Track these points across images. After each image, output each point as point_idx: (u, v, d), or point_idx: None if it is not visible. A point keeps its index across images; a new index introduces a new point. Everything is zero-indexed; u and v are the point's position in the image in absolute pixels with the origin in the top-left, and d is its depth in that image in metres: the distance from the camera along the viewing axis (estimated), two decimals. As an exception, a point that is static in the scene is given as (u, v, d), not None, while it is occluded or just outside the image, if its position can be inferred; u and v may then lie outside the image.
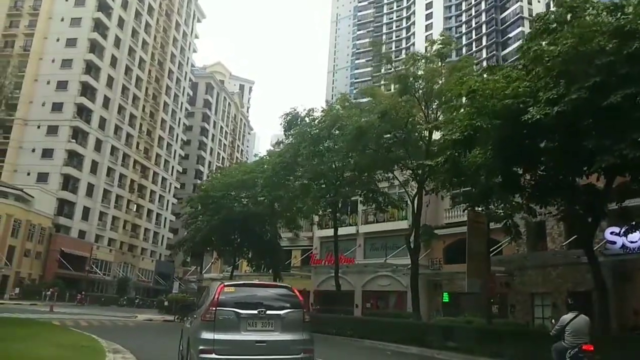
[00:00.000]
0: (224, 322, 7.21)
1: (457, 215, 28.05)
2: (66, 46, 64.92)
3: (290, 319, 7.53)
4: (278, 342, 7.34)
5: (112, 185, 69.23)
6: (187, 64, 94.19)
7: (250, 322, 7.32)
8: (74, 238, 61.56)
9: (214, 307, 7.29)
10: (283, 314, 7.49)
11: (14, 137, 61.94)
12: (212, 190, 28.93)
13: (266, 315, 7.37)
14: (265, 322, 7.38)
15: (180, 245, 31.27)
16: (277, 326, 7.42)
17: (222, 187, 28.49)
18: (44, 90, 63.51)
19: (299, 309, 7.71)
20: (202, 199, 29.69)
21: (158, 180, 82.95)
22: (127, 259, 73.38)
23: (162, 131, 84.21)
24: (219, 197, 28.27)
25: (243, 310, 7.29)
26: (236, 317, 7.26)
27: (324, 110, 22.93)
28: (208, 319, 7.26)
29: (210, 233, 28.25)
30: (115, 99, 69.51)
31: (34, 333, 14.82)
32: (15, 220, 51.79)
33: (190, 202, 31.32)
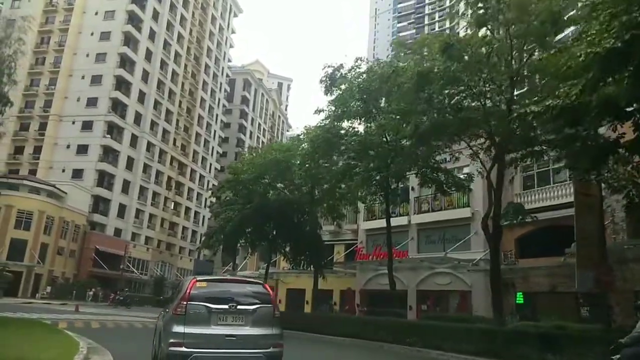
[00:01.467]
0: (195, 316, 7.31)
1: (533, 200, 23.33)
2: (100, 40, 63.55)
3: (261, 314, 7.63)
4: (248, 337, 7.46)
5: (148, 182, 67.35)
6: (223, 59, 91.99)
7: (221, 317, 7.44)
8: (109, 236, 59.79)
9: (184, 301, 7.40)
10: (253, 309, 7.60)
11: (49, 133, 60.93)
12: (242, 173, 25.25)
13: (237, 310, 7.49)
14: (236, 316, 7.49)
15: (209, 238, 27.79)
16: (248, 321, 7.54)
17: (254, 168, 24.72)
18: (79, 85, 62.29)
19: (269, 304, 7.83)
20: (231, 185, 26.04)
21: (195, 177, 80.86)
22: (165, 258, 71.39)
23: (199, 127, 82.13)
24: (250, 180, 24.59)
25: (214, 305, 7.41)
26: (207, 311, 7.38)
27: (377, 61, 18.47)
28: (179, 313, 7.38)
29: (241, 223, 24.62)
30: (150, 93, 67.69)
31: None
32: (48, 217, 50.19)
33: (220, 189, 27.83)
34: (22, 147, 62.06)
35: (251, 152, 25.06)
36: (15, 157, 61.56)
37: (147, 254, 66.91)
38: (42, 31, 65.63)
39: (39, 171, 58.68)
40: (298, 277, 34.40)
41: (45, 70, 63.87)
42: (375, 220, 30.63)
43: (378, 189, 21.49)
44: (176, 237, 75.07)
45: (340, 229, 32.39)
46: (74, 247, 54.91)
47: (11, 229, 47.19)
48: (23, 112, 62.94)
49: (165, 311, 8.69)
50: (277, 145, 25.28)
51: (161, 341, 7.96)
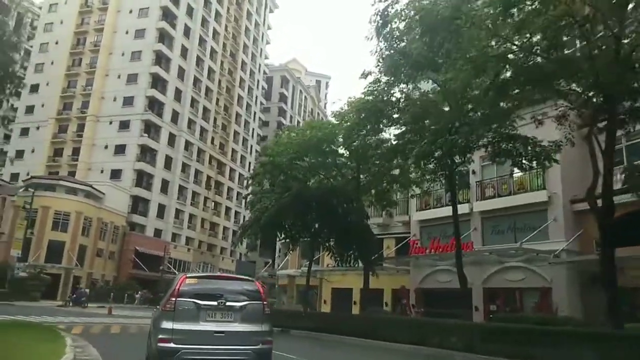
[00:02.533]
0: (184, 313, 7.33)
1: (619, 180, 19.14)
2: (135, 38, 62.58)
3: (250, 310, 7.65)
4: (237, 333, 7.46)
5: (187, 181, 65.85)
6: (260, 55, 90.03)
7: (210, 313, 7.44)
8: (149, 237, 58.45)
9: (174, 298, 7.42)
10: (243, 306, 7.60)
11: (87, 134, 60.30)
12: (278, 155, 22.15)
13: (226, 307, 7.49)
14: (225, 313, 7.50)
15: (243, 231, 24.88)
16: (237, 317, 7.55)
17: (292, 148, 21.49)
18: (115, 84, 61.46)
19: (259, 301, 7.82)
20: (266, 168, 22.97)
21: (235, 176, 79.05)
22: (206, 259, 69.70)
23: (237, 125, 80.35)
24: (287, 163, 21.45)
25: (203, 301, 7.42)
26: (196, 307, 7.39)
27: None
28: (168, 309, 7.37)
29: (279, 214, 21.59)
30: (187, 91, 66.23)
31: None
32: (86, 218, 49.05)
33: (256, 176, 24.93)
34: (61, 149, 61.75)
35: (288, 130, 21.80)
36: (54, 159, 61.31)
37: (188, 254, 65.34)
38: (77, 32, 65.43)
39: (78, 172, 58.04)
40: (344, 276, 31.16)
41: (82, 71, 63.42)
42: (429, 210, 27.02)
43: (438, 168, 17.95)
44: (217, 237, 73.38)
45: (391, 219, 28.85)
46: (113, 249, 53.73)
47: (48, 230, 46.23)
48: (61, 114, 62.71)
49: (157, 308, 8.69)
50: (317, 122, 21.94)
51: (151, 337, 8.03)
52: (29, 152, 62.51)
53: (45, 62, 65.69)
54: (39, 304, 37.68)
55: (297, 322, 23.02)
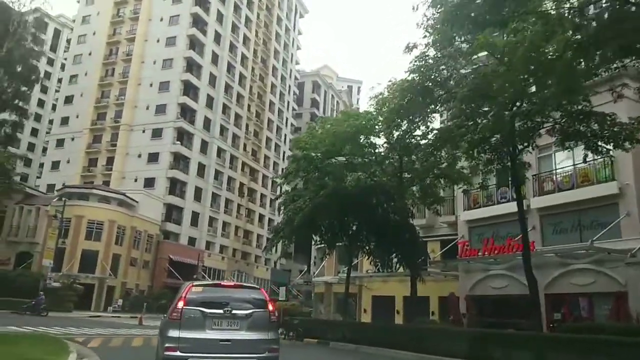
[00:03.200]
0: (190, 321, 7.33)
1: None
2: (166, 46, 62.43)
3: (257, 319, 7.65)
4: (243, 341, 7.46)
5: (220, 188, 64.98)
6: (291, 61, 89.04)
7: (216, 321, 7.45)
8: (183, 245, 57.65)
9: (180, 306, 7.43)
10: (248, 314, 7.62)
11: (121, 143, 60.25)
12: (312, 149, 20.19)
13: (232, 315, 7.51)
14: (231, 321, 7.51)
15: (275, 234, 23.05)
16: (243, 326, 7.55)
17: (327, 139, 19.41)
18: (147, 93, 61.35)
19: (265, 309, 7.82)
20: (299, 164, 21.03)
21: (268, 183, 77.87)
22: (240, 267, 68.54)
23: (269, 132, 79.33)
24: (322, 158, 19.46)
25: (209, 310, 7.43)
26: (202, 315, 7.40)
27: None
28: (174, 318, 7.38)
29: (313, 214, 19.71)
30: (218, 98, 65.60)
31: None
32: (119, 226, 48.47)
33: (288, 175, 23.07)
34: (95, 159, 61.92)
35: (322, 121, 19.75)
36: (89, 169, 61.48)
37: (223, 263, 64.28)
38: (110, 43, 65.84)
39: (112, 182, 57.94)
40: (385, 282, 28.95)
41: (115, 81, 63.64)
42: (479, 209, 24.56)
43: (494, 158, 15.68)
44: (251, 245, 72.17)
45: (436, 220, 26.44)
46: (147, 258, 53.04)
47: (82, 240, 45.77)
48: (95, 125, 62.99)
49: (164, 316, 8.59)
50: (354, 112, 19.84)
51: (158, 345, 8.12)
52: (64, 163, 62.96)
53: (79, 73, 66.37)
54: (71, 314, 37.03)
55: (336, 333, 20.99)
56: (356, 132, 19.20)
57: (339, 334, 20.66)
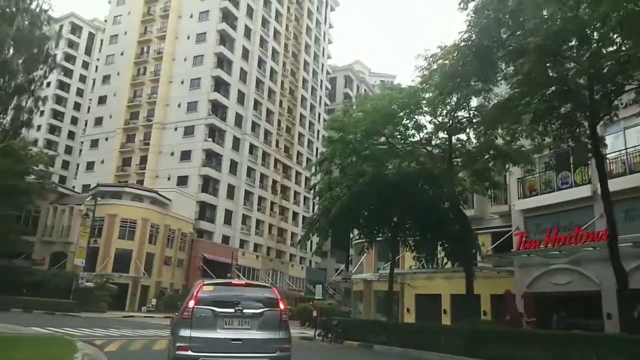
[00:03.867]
0: (201, 320, 7.32)
1: None
2: (196, 42, 61.67)
3: (268, 318, 7.60)
4: (254, 340, 7.42)
5: (253, 186, 63.79)
6: (322, 55, 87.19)
7: (227, 321, 7.43)
8: (217, 243, 56.70)
9: (191, 305, 7.40)
10: (260, 313, 7.57)
11: (153, 142, 59.81)
12: (349, 130, 18.00)
13: (243, 314, 7.48)
14: (242, 320, 7.48)
15: (311, 226, 21.07)
16: (254, 325, 7.51)
17: (367, 117, 17.22)
18: (179, 90, 60.72)
19: (276, 308, 7.76)
20: (335, 148, 18.92)
21: (301, 180, 76.30)
22: (275, 266, 67.23)
23: (302, 127, 77.73)
24: (360, 139, 17.33)
25: (220, 309, 7.42)
26: (213, 315, 7.38)
27: None
28: (186, 317, 7.35)
29: (352, 203, 17.78)
30: (249, 93, 64.42)
31: None
32: (152, 225, 47.76)
33: (323, 162, 21.09)
34: (129, 158, 61.74)
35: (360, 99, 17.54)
36: (123, 169, 61.33)
37: (257, 261, 63.07)
38: (141, 41, 65.60)
39: (146, 181, 57.51)
40: (430, 280, 26.75)
41: (147, 79, 63.32)
42: (536, 197, 22.08)
43: (566, 132, 13.36)
44: (285, 243, 70.74)
45: (487, 208, 24.09)
46: (181, 257, 52.24)
47: (115, 239, 45.23)
48: (128, 124, 62.83)
49: (176, 315, 8.56)
50: (397, 88, 17.66)
51: (170, 344, 8.01)
52: (98, 163, 63.08)
53: (112, 73, 66.44)
54: (104, 314, 36.32)
55: (380, 335, 18.98)
56: (399, 109, 16.99)
57: (383, 336, 18.65)
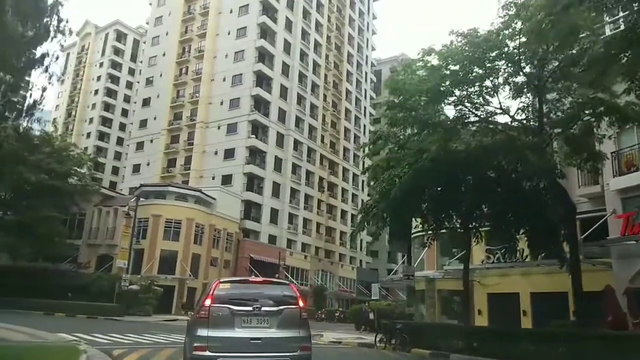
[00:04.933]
0: (218, 319, 7.11)
1: None
2: (237, 38, 60.08)
3: (287, 316, 7.40)
4: (274, 339, 7.20)
5: (299, 183, 61.43)
6: (367, 46, 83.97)
7: (245, 319, 7.20)
8: (264, 243, 54.65)
9: (208, 304, 7.22)
10: (279, 311, 7.37)
11: (197, 141, 58.64)
12: (412, 91, 14.66)
13: (261, 312, 7.26)
14: (261, 318, 7.26)
15: (366, 214, 17.93)
16: (273, 323, 7.29)
17: (433, 76, 13.87)
18: (221, 88, 59.28)
19: (295, 306, 7.57)
20: (393, 116, 15.63)
21: (349, 176, 73.37)
22: (324, 266, 64.56)
23: (347, 122, 74.80)
24: (427, 102, 14.08)
25: (237, 307, 7.21)
26: (230, 313, 7.17)
27: None
28: (202, 316, 7.17)
29: (414, 183, 14.72)
30: (292, 87, 62.18)
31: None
32: (197, 225, 46.15)
33: (378, 140, 17.95)
34: (174, 159, 60.88)
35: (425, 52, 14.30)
36: (168, 170, 60.50)
37: (305, 262, 60.62)
38: (182, 41, 64.82)
39: (190, 181, 56.31)
40: (505, 276, 23.19)
41: (189, 79, 62.32)
42: (637, 173, 18.24)
43: None
44: (334, 243, 67.92)
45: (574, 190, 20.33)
46: (227, 257, 50.46)
47: (160, 240, 43.86)
48: (172, 125, 61.98)
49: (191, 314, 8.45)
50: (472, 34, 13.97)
51: (186, 344, 7.78)
52: (144, 166, 62.61)
53: (155, 75, 65.97)
54: (149, 318, 34.73)
55: (455, 342, 15.75)
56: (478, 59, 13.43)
57: (460, 343, 15.42)
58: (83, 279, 39.12)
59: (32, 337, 14.72)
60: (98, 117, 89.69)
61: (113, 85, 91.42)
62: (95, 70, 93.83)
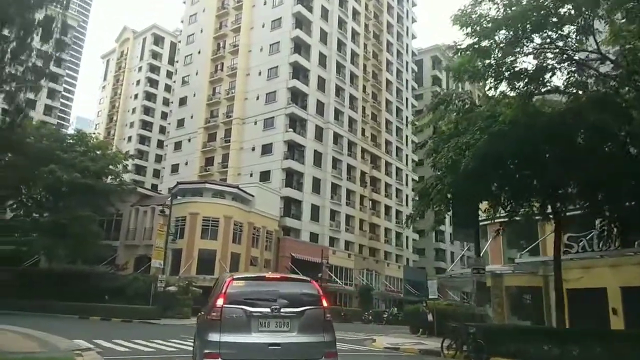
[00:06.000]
0: (232, 322, 6.31)
1: None
2: (272, 30, 57.99)
3: (310, 317, 6.58)
4: (295, 345, 6.38)
5: (340, 178, 58.69)
6: (407, 34, 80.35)
7: (262, 322, 6.39)
8: (305, 241, 52.24)
9: (220, 304, 6.44)
10: (300, 312, 6.55)
11: (234, 138, 56.87)
12: (487, 29, 11.44)
13: (281, 314, 6.44)
14: (280, 321, 6.45)
15: (423, 195, 14.88)
16: (294, 326, 6.49)
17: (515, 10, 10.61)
18: (256, 82, 57.35)
19: (319, 306, 6.73)
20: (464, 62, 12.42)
21: (392, 171, 70.02)
22: (369, 265, 61.52)
23: (388, 114, 71.46)
24: (506, 44, 11.04)
25: (254, 308, 6.39)
26: (245, 315, 6.36)
27: None
28: (214, 318, 6.37)
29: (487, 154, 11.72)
30: (330, 78, 59.55)
31: None
32: (236, 223, 44.16)
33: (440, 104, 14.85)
34: (211, 157, 59.42)
35: None
36: (206, 168, 59.08)
37: (349, 260, 57.79)
38: (216, 37, 63.39)
39: (228, 179, 54.56)
40: (588, 269, 19.61)
41: (224, 75, 60.72)
42: None
43: None
44: (379, 240, 64.75)
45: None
46: (268, 256, 48.28)
47: (198, 239, 42.09)
48: (208, 122, 60.55)
49: (201, 314, 7.80)
50: None
51: (196, 349, 7.17)
52: (182, 165, 61.51)
53: (191, 73, 64.85)
54: (188, 321, 32.87)
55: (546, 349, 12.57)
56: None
57: (554, 350, 12.25)
58: (120, 281, 37.68)
59: (41, 345, 12.64)
60: (138, 120, 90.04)
61: (152, 89, 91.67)
62: (135, 74, 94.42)
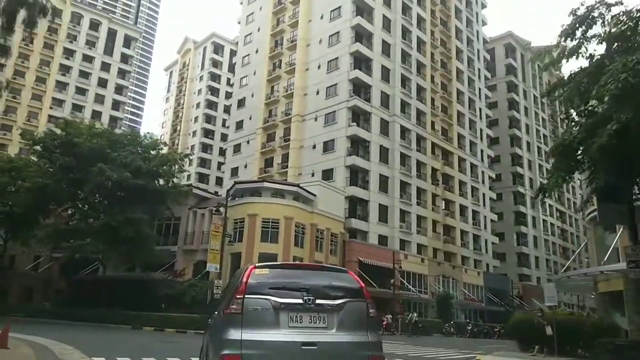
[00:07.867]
0: (256, 316, 4.85)
1: None
2: (331, 20, 54.45)
3: (350, 312, 5.07)
4: (334, 345, 4.89)
5: (409, 175, 53.76)
6: (477, 20, 74.12)
7: (293, 316, 4.92)
8: (373, 245, 47.74)
9: (241, 295, 4.95)
10: (339, 305, 5.06)
11: (294, 136, 53.60)
12: None
13: (315, 306, 4.96)
14: (315, 315, 4.97)
15: (565, 158, 10.20)
16: (332, 322, 4.99)
17: None
18: (316, 76, 53.91)
19: (361, 299, 5.23)
20: None
21: (466, 167, 63.97)
22: (445, 271, 55.86)
23: (460, 105, 65.56)
24: None
25: (282, 299, 4.92)
26: (272, 308, 4.89)
27: None
28: (233, 311, 4.90)
29: None
30: (395, 68, 55.03)
31: None
32: (297, 224, 40.58)
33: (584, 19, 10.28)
34: (271, 158, 56.50)
35: None
36: (265, 170, 56.19)
37: (422, 266, 52.55)
38: (274, 34, 60.72)
39: (289, 179, 51.21)
40: None
41: (282, 72, 57.81)
42: None
43: None
44: (454, 243, 58.87)
45: None
46: (333, 261, 44.07)
47: (258, 242, 38.83)
48: (267, 122, 57.77)
49: (215, 312, 6.28)
50: None
51: (209, 351, 5.56)
52: (242, 168, 59.07)
53: (249, 74, 62.63)
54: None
55: None
56: None
57: None
58: (176, 288, 35.15)
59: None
60: (200, 129, 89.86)
61: (213, 97, 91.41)
62: (196, 84, 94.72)
